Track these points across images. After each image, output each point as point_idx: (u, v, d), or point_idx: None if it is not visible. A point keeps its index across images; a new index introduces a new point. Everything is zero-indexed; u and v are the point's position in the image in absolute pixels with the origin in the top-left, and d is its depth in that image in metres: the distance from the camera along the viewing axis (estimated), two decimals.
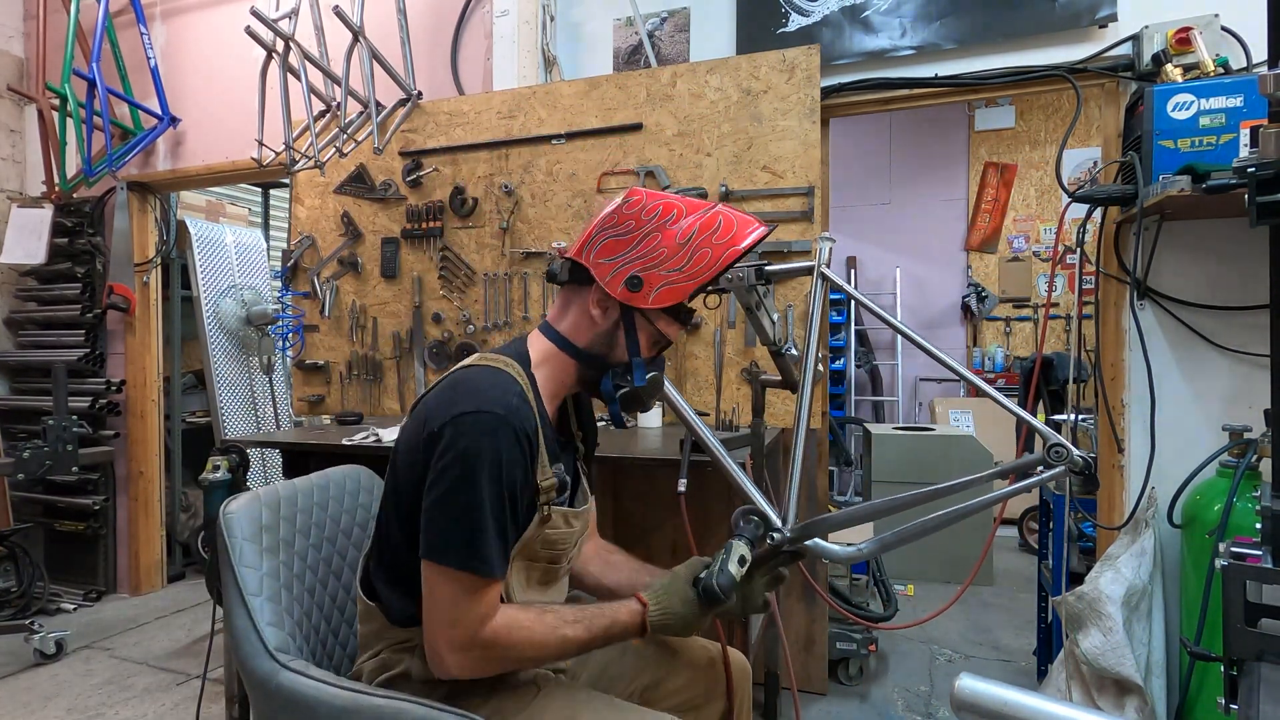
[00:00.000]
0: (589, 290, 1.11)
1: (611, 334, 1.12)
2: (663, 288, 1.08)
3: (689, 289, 1.08)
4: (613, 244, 1.09)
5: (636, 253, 1.08)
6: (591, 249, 1.10)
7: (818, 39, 2.31)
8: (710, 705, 1.27)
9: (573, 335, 1.13)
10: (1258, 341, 1.93)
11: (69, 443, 2.65)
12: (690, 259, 1.08)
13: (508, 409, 0.99)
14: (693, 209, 1.11)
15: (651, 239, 1.08)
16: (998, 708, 0.64)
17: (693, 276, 1.08)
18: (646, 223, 1.09)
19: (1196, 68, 1.85)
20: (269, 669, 1.04)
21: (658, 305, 1.09)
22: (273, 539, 1.17)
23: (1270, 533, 0.93)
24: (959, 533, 3.59)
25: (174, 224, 3.57)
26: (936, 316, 5.46)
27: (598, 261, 1.09)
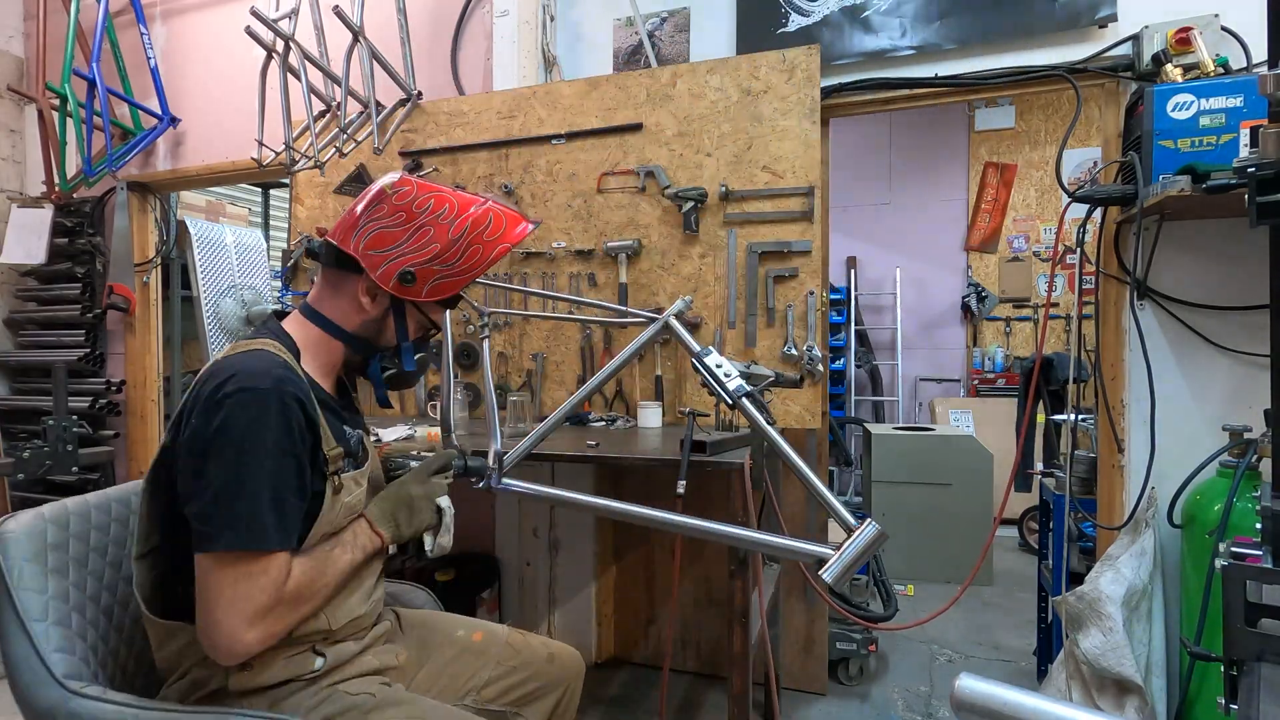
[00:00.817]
0: (357, 278, 1.12)
1: (380, 321, 1.14)
2: (436, 282, 1.12)
3: (461, 284, 1.14)
4: (383, 235, 1.09)
5: (409, 246, 1.10)
6: (360, 238, 1.10)
7: (818, 39, 2.31)
8: (548, 696, 1.32)
9: (340, 320, 1.13)
10: (1258, 341, 1.93)
11: (69, 443, 2.65)
12: (463, 255, 1.12)
13: (273, 380, 0.97)
14: (465, 204, 1.13)
15: (424, 233, 1.10)
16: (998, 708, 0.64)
17: (465, 272, 1.13)
18: (418, 215, 1.10)
19: (1196, 68, 1.85)
20: (56, 698, 0.97)
21: (431, 299, 1.13)
22: (61, 558, 1.10)
23: (1270, 533, 0.93)
24: (959, 533, 3.60)
25: (174, 224, 3.57)
26: (936, 316, 5.46)
27: (368, 253, 1.10)
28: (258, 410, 0.95)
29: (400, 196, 1.11)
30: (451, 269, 1.12)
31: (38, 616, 1.02)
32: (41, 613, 1.03)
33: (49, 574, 1.08)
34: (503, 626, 1.40)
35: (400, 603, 1.47)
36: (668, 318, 1.53)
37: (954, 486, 3.63)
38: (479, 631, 1.35)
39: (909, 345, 5.47)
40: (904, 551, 3.61)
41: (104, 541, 1.19)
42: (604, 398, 2.45)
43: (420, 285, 1.11)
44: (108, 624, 1.14)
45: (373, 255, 1.10)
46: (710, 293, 2.33)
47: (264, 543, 0.93)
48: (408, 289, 1.11)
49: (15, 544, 1.06)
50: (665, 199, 2.35)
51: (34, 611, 1.02)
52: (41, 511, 1.13)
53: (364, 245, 1.10)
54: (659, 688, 2.12)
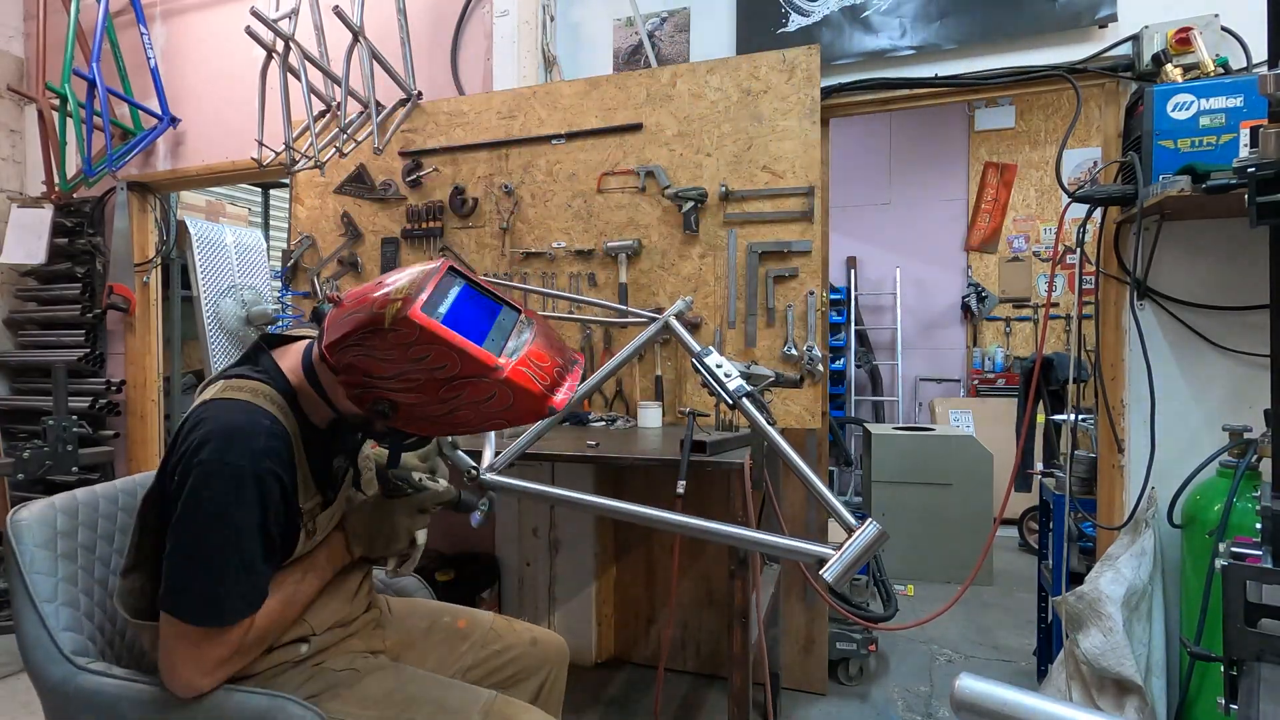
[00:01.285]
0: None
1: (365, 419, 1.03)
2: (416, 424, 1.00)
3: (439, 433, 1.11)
4: (368, 363, 0.92)
5: (395, 385, 0.93)
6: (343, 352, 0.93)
7: (818, 39, 2.31)
8: (531, 679, 1.35)
9: (331, 395, 1.04)
10: (1258, 341, 1.93)
11: (69, 443, 2.66)
12: (451, 415, 0.96)
13: (251, 457, 0.95)
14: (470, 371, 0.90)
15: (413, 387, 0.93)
16: (998, 708, 0.64)
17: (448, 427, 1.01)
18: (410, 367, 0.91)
19: (1196, 68, 1.85)
20: (64, 673, 1.05)
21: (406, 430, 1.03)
22: (70, 544, 1.17)
23: (1270, 533, 0.93)
24: (959, 533, 3.60)
25: (174, 224, 3.57)
26: (936, 316, 5.46)
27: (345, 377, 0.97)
28: (232, 488, 0.94)
29: (398, 333, 0.88)
30: (433, 422, 0.99)
31: (48, 598, 1.09)
32: (51, 594, 1.10)
33: (59, 559, 1.14)
34: (488, 613, 1.42)
35: (391, 589, 1.50)
36: (668, 318, 1.53)
37: (954, 486, 3.63)
38: (463, 618, 1.38)
39: (909, 345, 5.47)
40: (904, 551, 3.61)
41: (111, 529, 1.25)
42: (604, 397, 2.45)
43: (399, 419, 0.98)
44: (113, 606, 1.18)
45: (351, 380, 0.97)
46: (710, 293, 2.33)
47: (221, 620, 0.96)
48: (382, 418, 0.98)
49: (28, 531, 1.12)
50: (665, 199, 2.35)
51: (44, 593, 1.09)
52: (52, 501, 1.18)
53: (344, 359, 0.94)
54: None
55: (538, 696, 1.35)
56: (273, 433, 0.99)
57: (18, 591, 1.08)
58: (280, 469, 0.99)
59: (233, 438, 0.95)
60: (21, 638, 1.08)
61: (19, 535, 1.11)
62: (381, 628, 1.28)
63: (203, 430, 0.96)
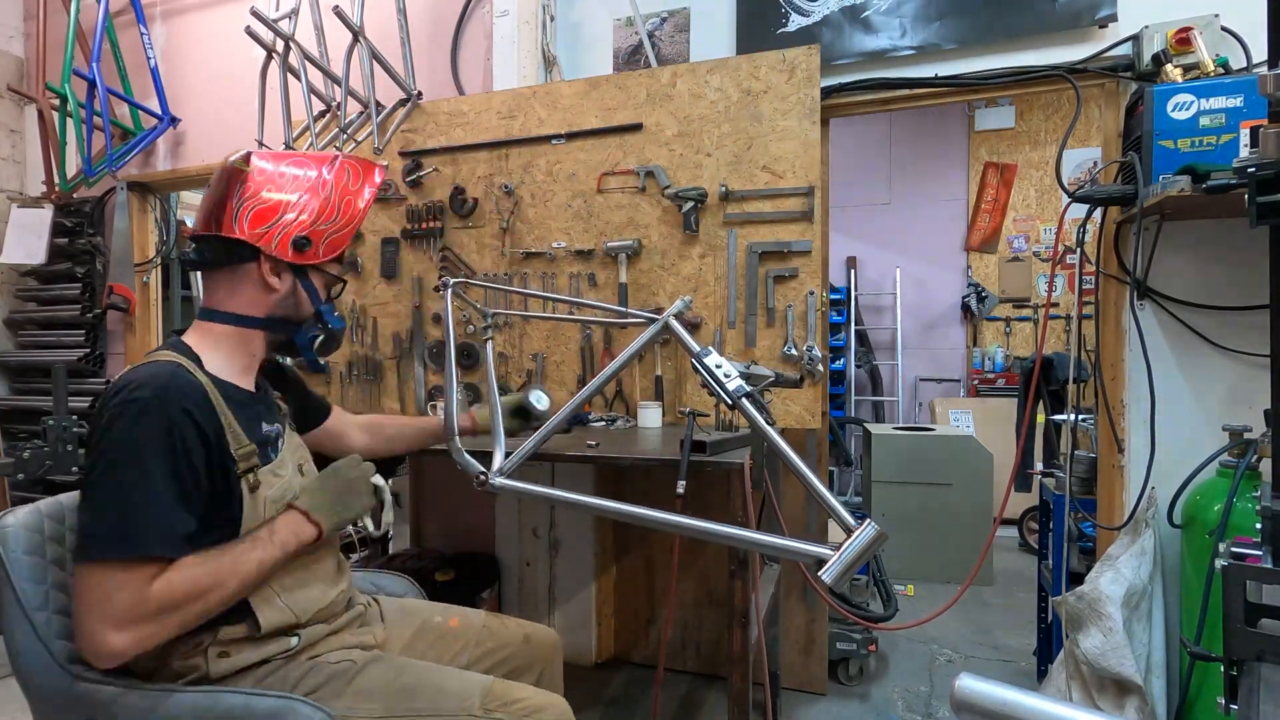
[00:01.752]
0: (253, 264, 1.15)
1: (292, 294, 1.19)
2: (328, 240, 1.19)
3: (349, 235, 1.21)
4: (262, 212, 1.14)
5: (291, 215, 1.16)
6: (241, 222, 1.13)
7: (818, 39, 2.31)
8: (526, 675, 1.36)
9: (250, 309, 1.16)
10: (1258, 341, 1.93)
11: (69, 443, 2.65)
12: (340, 209, 1.20)
13: (154, 390, 0.99)
14: (319, 161, 1.23)
15: (297, 197, 1.17)
16: (998, 708, 0.64)
17: (349, 223, 1.21)
18: (284, 185, 1.18)
19: (1196, 68, 1.85)
20: (61, 682, 1.02)
21: (328, 257, 1.19)
22: (58, 551, 1.14)
23: (1270, 533, 0.93)
24: (959, 533, 3.60)
25: (174, 224, 3.57)
26: (936, 316, 5.46)
27: (254, 232, 1.13)
28: (135, 420, 0.97)
29: (260, 173, 1.17)
30: (335, 224, 1.19)
31: (38, 606, 1.06)
32: (42, 602, 1.07)
33: (48, 566, 1.11)
34: (479, 611, 1.43)
35: (381, 591, 1.50)
36: (667, 318, 1.53)
37: (954, 486, 3.63)
38: (455, 617, 1.38)
39: (909, 345, 5.48)
40: (904, 551, 3.61)
41: None
42: (604, 398, 2.45)
43: (316, 246, 1.17)
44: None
45: (260, 233, 1.13)
46: (710, 293, 2.33)
47: (127, 548, 0.94)
48: (306, 254, 1.16)
49: (15, 538, 1.09)
50: (665, 199, 2.35)
51: (34, 601, 1.06)
52: (38, 507, 1.16)
53: (247, 226, 1.13)
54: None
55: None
56: (180, 376, 1.03)
57: (7, 600, 1.06)
58: (194, 409, 1.01)
59: (141, 382, 1.00)
60: (12, 646, 1.05)
61: (5, 542, 1.08)
62: (369, 625, 1.28)
63: (112, 389, 1.01)
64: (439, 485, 2.89)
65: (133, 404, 0.97)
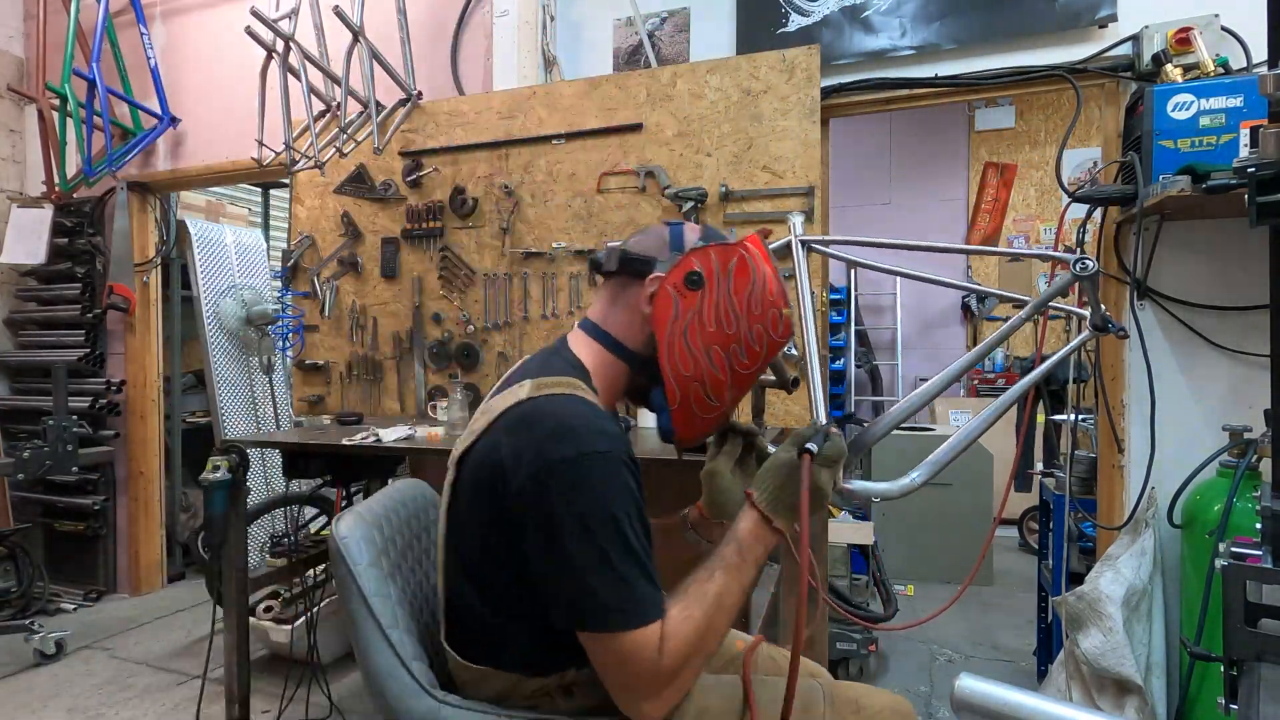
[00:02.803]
0: (640, 284, 0.99)
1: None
2: (724, 314, 0.97)
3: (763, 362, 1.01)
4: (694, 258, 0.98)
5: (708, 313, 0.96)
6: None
7: (818, 39, 2.31)
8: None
9: (622, 335, 1.00)
10: (1258, 341, 1.93)
11: (69, 443, 2.65)
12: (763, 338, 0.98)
13: (613, 441, 0.87)
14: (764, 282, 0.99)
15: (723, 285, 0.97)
16: (998, 708, 0.64)
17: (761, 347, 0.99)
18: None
19: (1196, 68, 1.85)
20: (427, 708, 0.94)
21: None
22: (390, 564, 1.05)
23: (1270, 533, 0.93)
24: (959, 533, 3.59)
25: (174, 224, 3.57)
26: (936, 316, 5.46)
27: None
28: (609, 477, 0.86)
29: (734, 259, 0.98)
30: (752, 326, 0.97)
31: (390, 624, 0.97)
32: (392, 620, 0.98)
33: (387, 579, 1.02)
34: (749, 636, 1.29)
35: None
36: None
37: (954, 486, 3.63)
38: (739, 640, 1.26)
39: (909, 345, 5.47)
40: (904, 551, 3.61)
41: (406, 546, 1.15)
42: None
43: (710, 290, 0.96)
44: (421, 628, 1.08)
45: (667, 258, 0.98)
46: None
47: (645, 619, 0.84)
48: (693, 293, 0.95)
49: (357, 548, 1.00)
50: (665, 199, 2.35)
51: (387, 619, 0.97)
52: (361, 514, 1.06)
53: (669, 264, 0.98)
54: None
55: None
56: (612, 418, 0.94)
57: (361, 618, 0.96)
58: (632, 452, 0.91)
59: (586, 428, 0.87)
60: (373, 670, 0.95)
61: (350, 553, 0.98)
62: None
63: (545, 427, 0.87)
64: (438, 484, 2.89)
65: (599, 459, 0.85)
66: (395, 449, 1.99)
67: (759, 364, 1.00)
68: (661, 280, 0.96)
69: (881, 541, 2.99)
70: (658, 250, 1.01)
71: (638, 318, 0.99)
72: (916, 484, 1.04)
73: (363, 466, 2.30)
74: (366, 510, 1.08)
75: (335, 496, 2.77)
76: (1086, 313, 1.11)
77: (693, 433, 1.02)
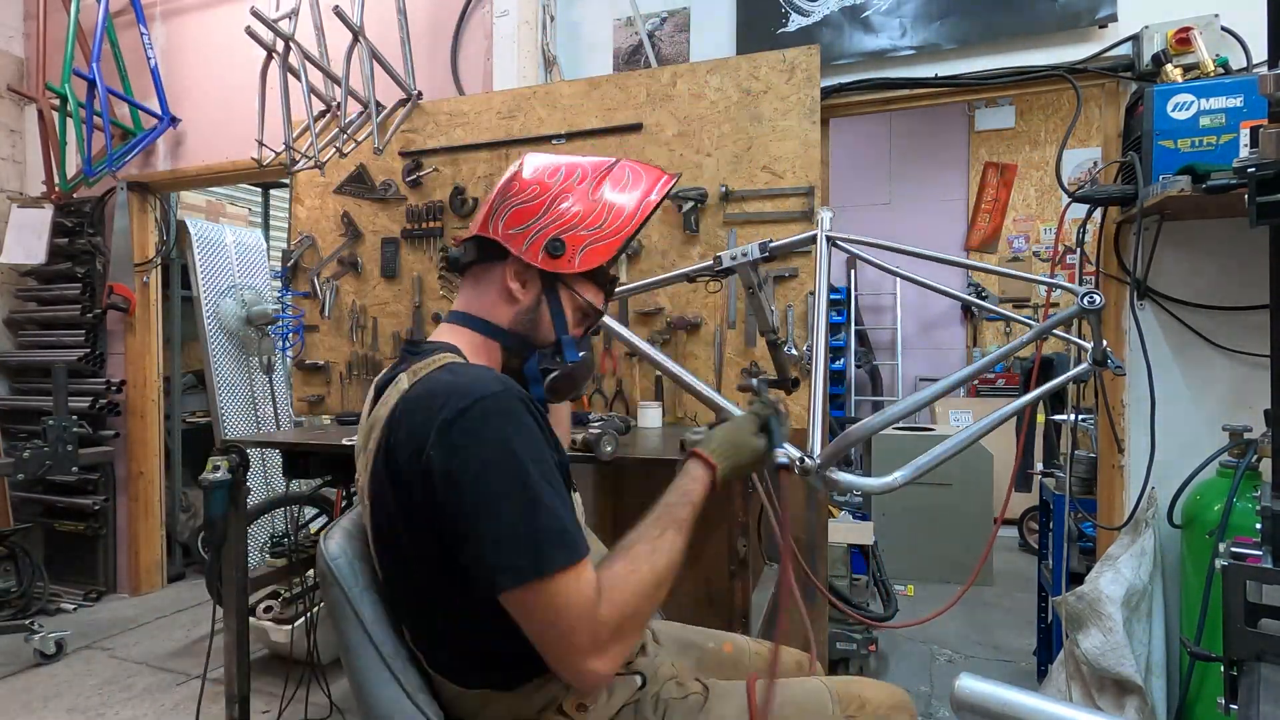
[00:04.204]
0: (502, 266, 1.01)
1: (534, 310, 1.01)
2: (587, 248, 0.99)
3: (614, 246, 1.01)
4: (520, 212, 0.99)
5: (549, 217, 0.99)
6: (497, 220, 1.00)
7: (818, 39, 2.31)
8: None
9: (491, 316, 1.02)
10: (1258, 341, 1.93)
11: (69, 443, 2.65)
12: (607, 216, 1.01)
13: (503, 383, 0.87)
14: (596, 167, 1.04)
15: (561, 200, 0.99)
16: (998, 708, 0.64)
17: (615, 233, 1.01)
18: (552, 185, 1.00)
19: (1196, 68, 1.85)
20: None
21: (584, 268, 1.00)
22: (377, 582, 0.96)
23: (1270, 533, 0.93)
24: (959, 533, 3.59)
25: (174, 224, 3.57)
26: (936, 317, 5.46)
27: (508, 232, 0.99)
28: (504, 418, 0.83)
29: (533, 171, 1.02)
30: (599, 231, 1.00)
31: (393, 654, 0.89)
32: (395, 650, 0.89)
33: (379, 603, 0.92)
34: (742, 636, 1.32)
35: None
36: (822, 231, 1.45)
37: (954, 486, 3.63)
38: (728, 643, 1.27)
39: (909, 345, 5.47)
40: (904, 551, 3.61)
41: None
42: (604, 398, 2.45)
43: (571, 253, 0.98)
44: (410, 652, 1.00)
45: (514, 233, 0.99)
46: (710, 293, 2.33)
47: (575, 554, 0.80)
48: (558, 260, 0.98)
49: (350, 569, 0.91)
50: (665, 199, 2.35)
51: (389, 648, 0.89)
52: (348, 529, 0.97)
53: (502, 226, 1.00)
54: None
55: None
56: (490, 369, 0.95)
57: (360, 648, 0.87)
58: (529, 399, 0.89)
59: (476, 379, 0.87)
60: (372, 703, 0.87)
61: (342, 580, 0.89)
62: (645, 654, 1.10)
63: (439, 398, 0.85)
64: None
65: (493, 399, 0.83)
66: None
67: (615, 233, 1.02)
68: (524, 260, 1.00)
69: (881, 541, 2.99)
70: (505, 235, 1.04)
71: (505, 296, 1.01)
72: (899, 483, 1.05)
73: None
74: (354, 526, 0.99)
75: (335, 496, 2.77)
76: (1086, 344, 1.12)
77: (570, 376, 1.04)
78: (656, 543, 0.88)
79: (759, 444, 1.04)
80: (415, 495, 0.84)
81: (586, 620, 0.79)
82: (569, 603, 0.79)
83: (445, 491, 0.81)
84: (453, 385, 0.86)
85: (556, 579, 0.78)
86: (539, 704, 0.92)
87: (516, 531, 0.79)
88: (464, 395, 0.83)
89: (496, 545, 0.79)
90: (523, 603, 0.79)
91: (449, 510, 0.81)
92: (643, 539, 0.89)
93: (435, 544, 0.84)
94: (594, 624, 0.80)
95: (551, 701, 0.93)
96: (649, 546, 0.88)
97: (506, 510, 0.79)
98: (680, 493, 0.95)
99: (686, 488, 0.96)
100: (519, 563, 0.78)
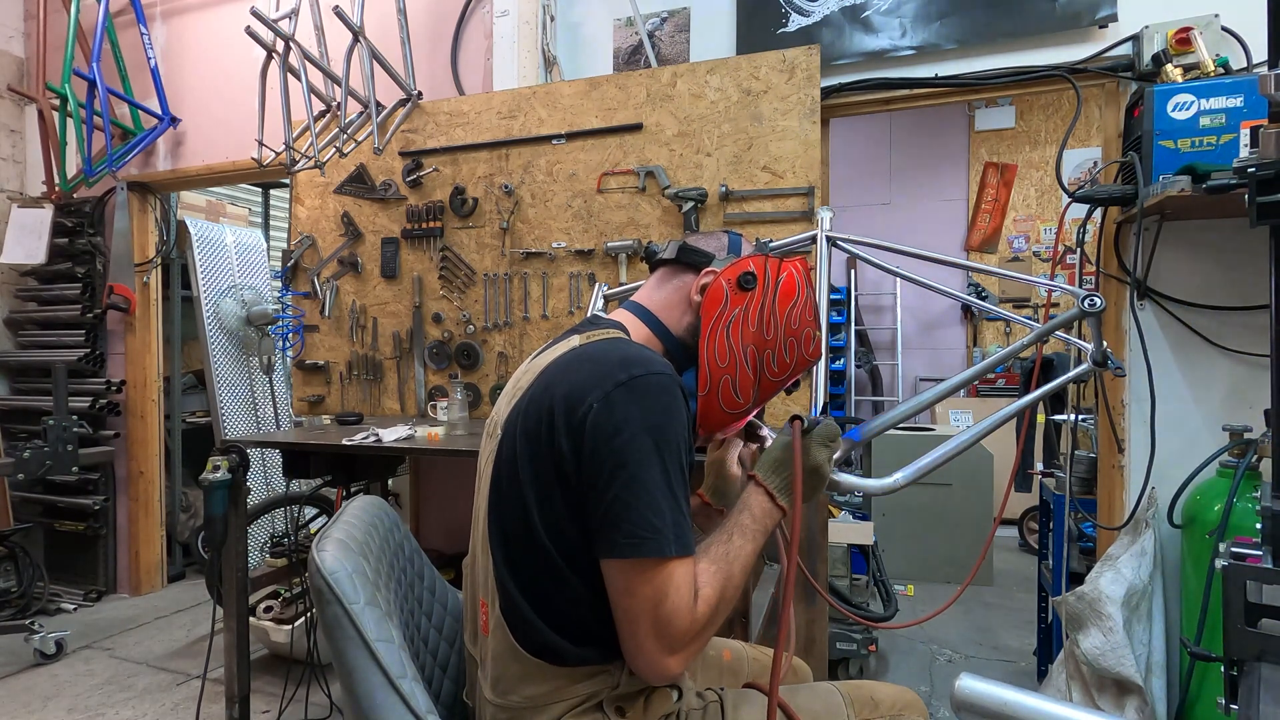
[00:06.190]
0: (693, 275, 1.03)
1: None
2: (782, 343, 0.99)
3: (792, 374, 1.01)
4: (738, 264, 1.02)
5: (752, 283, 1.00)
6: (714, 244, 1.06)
7: (818, 39, 2.31)
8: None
9: (666, 316, 1.03)
10: (1258, 341, 1.93)
11: (69, 443, 2.65)
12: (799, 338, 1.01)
13: (672, 370, 0.88)
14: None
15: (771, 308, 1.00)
16: (998, 708, 0.64)
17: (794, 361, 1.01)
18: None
19: (1196, 68, 1.85)
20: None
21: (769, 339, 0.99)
22: (385, 600, 0.90)
23: (1270, 533, 0.93)
24: (959, 533, 3.59)
25: (174, 224, 3.57)
26: (937, 317, 5.46)
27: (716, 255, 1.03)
28: (674, 400, 0.85)
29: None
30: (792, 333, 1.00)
31: (399, 674, 0.83)
32: (400, 669, 0.83)
33: (385, 618, 0.87)
34: (737, 642, 1.32)
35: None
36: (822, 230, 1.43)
37: (954, 486, 3.63)
38: (726, 650, 1.26)
39: (909, 345, 5.47)
40: (904, 551, 3.61)
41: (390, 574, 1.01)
42: None
43: (759, 294, 0.98)
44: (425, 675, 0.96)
45: (721, 258, 1.03)
46: None
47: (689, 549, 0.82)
48: (744, 293, 0.98)
49: (349, 584, 0.85)
50: (665, 199, 2.35)
51: (395, 668, 0.83)
52: (345, 542, 0.92)
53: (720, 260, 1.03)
54: None
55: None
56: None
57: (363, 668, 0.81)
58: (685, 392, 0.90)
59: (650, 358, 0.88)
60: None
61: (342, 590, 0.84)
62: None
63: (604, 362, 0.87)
64: (438, 484, 2.89)
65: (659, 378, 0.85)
66: (395, 449, 1.99)
67: (786, 375, 1.02)
68: (718, 274, 1.00)
69: (881, 541, 2.99)
70: (716, 249, 1.06)
71: (683, 305, 1.03)
72: (899, 484, 1.05)
73: (363, 466, 2.30)
74: (348, 537, 0.94)
75: (335, 496, 2.77)
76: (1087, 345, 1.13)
77: (710, 424, 1.02)
78: (725, 546, 0.89)
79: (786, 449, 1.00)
80: (559, 441, 0.84)
81: (685, 611, 0.81)
82: (676, 590, 0.80)
83: (595, 443, 0.82)
84: (628, 354, 0.88)
85: (672, 564, 0.80)
86: (584, 692, 0.90)
87: (655, 504, 0.80)
88: (640, 365, 0.86)
89: (628, 509, 0.80)
90: (632, 575, 0.81)
91: (595, 461, 0.82)
92: (715, 542, 0.90)
93: (557, 488, 0.85)
94: (691, 616, 0.81)
95: (593, 695, 0.91)
96: (722, 550, 0.88)
97: (650, 480, 0.81)
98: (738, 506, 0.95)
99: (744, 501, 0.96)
100: (644, 534, 0.80)
